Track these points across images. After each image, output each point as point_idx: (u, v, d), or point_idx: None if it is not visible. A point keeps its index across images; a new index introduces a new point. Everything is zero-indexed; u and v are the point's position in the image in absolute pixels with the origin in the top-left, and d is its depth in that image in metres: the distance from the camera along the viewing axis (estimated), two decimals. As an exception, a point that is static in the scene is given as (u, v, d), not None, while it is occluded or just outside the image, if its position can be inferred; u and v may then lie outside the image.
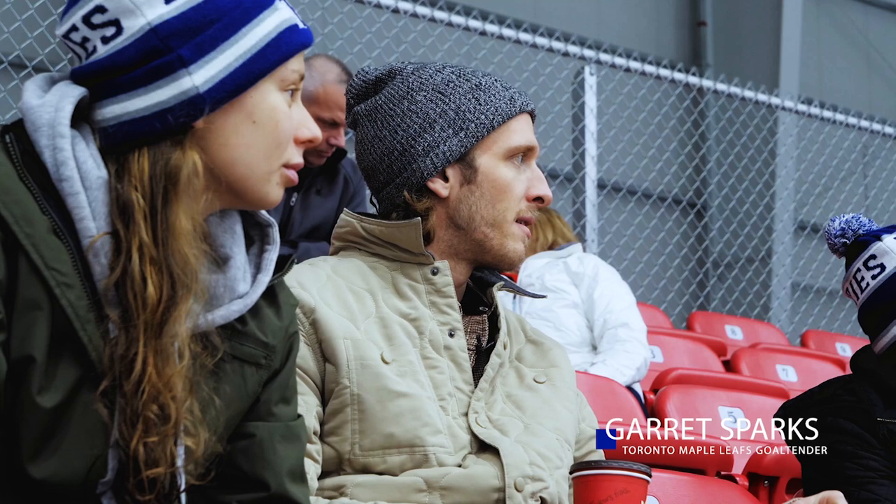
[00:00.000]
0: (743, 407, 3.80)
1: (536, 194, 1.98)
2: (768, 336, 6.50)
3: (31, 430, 1.33)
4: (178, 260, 1.37)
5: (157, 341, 1.35)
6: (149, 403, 1.35)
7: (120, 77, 1.39)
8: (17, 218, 1.32)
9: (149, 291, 1.35)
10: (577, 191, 6.43)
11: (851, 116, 7.72)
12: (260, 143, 1.46)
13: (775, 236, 8.12)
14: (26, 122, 1.39)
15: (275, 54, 1.44)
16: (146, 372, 1.34)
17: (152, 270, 1.36)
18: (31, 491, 1.35)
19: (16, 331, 1.31)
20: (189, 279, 1.38)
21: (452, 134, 1.96)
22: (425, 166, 1.96)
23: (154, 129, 1.38)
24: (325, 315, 1.87)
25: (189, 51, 1.39)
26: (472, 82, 1.99)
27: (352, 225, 2.01)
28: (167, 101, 1.39)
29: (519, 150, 1.98)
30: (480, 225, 1.97)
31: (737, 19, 9.43)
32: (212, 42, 1.40)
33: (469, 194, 1.97)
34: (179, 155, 1.39)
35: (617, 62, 6.66)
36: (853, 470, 2.42)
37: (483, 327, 2.03)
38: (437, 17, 6.09)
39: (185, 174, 1.39)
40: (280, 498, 1.55)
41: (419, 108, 1.97)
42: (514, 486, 1.85)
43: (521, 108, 1.99)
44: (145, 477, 1.36)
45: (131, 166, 1.38)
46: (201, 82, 1.40)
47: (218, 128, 1.43)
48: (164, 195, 1.38)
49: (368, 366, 1.85)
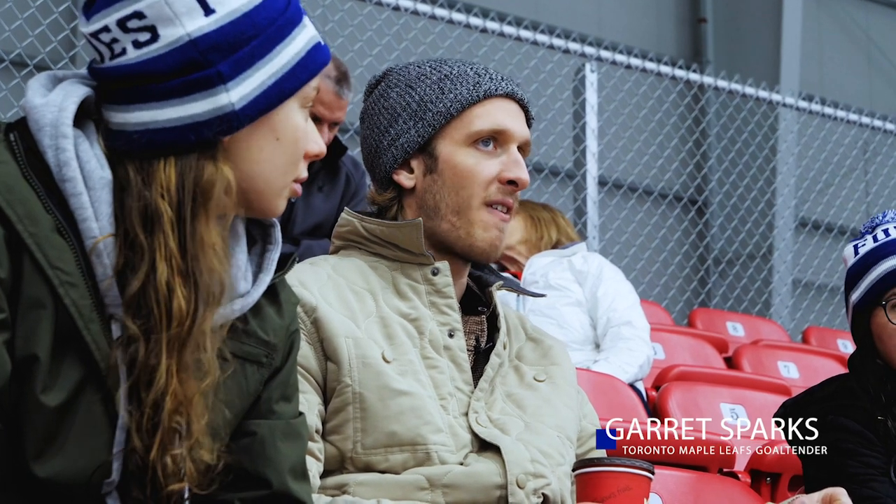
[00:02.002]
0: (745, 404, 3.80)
1: (509, 177, 1.95)
2: (770, 333, 6.50)
3: (35, 429, 1.33)
4: (206, 273, 1.37)
5: (181, 354, 1.36)
6: (173, 415, 1.35)
7: (153, 84, 1.38)
8: (20, 217, 1.32)
9: (176, 303, 1.35)
10: (579, 188, 6.43)
11: (852, 113, 7.72)
12: (280, 160, 1.47)
13: (776, 233, 8.11)
14: (29, 121, 1.39)
15: (304, 73, 1.45)
16: (170, 384, 1.35)
17: (180, 282, 1.36)
18: (35, 490, 1.35)
19: (20, 329, 1.31)
20: (217, 292, 1.38)
21: (413, 125, 1.96)
22: (387, 160, 1.98)
23: (187, 140, 1.38)
24: (326, 314, 1.87)
25: (228, 67, 1.39)
26: (443, 72, 1.98)
27: (352, 224, 2.01)
28: (201, 115, 1.39)
29: (481, 134, 1.95)
30: (447, 214, 1.96)
31: (737, 16, 9.42)
32: (249, 59, 1.41)
33: (433, 183, 1.97)
34: (212, 169, 1.40)
35: (618, 59, 6.66)
36: (854, 467, 2.42)
37: (482, 328, 2.03)
38: (438, 15, 6.09)
39: (218, 189, 1.39)
40: (282, 495, 1.55)
41: (390, 103, 1.99)
42: (517, 483, 1.85)
43: (485, 92, 1.96)
44: (167, 492, 1.37)
45: (157, 174, 1.38)
46: (237, 99, 1.40)
47: (243, 143, 1.43)
48: (194, 207, 1.38)
49: (370, 364, 1.85)
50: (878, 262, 2.62)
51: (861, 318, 2.64)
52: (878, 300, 2.60)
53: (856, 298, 2.64)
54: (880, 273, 2.61)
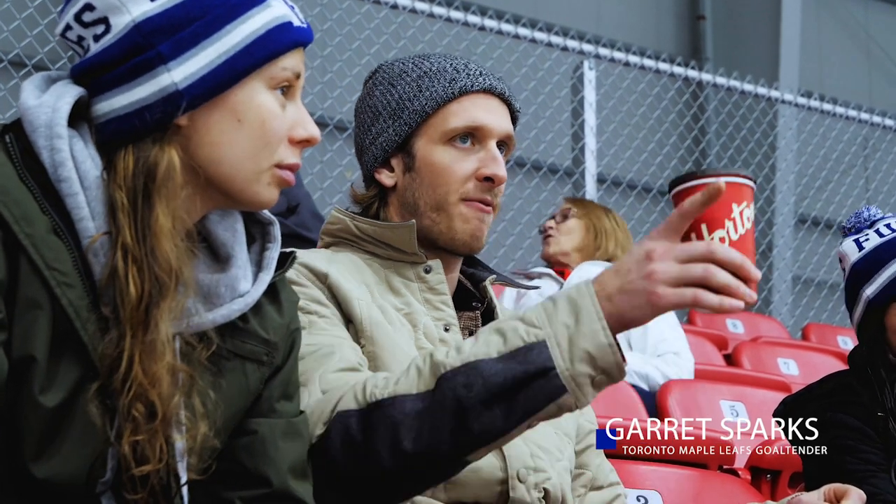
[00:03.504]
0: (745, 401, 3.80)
1: (485, 174, 1.95)
2: (769, 330, 6.49)
3: (33, 430, 1.33)
4: (159, 258, 1.36)
5: (143, 339, 1.35)
6: (134, 402, 1.34)
7: (107, 74, 1.40)
8: (17, 218, 1.32)
9: (130, 290, 1.35)
10: (577, 185, 6.43)
11: (851, 109, 7.72)
12: (245, 143, 1.43)
13: (776, 229, 8.11)
14: (24, 123, 1.39)
15: (261, 51, 1.42)
16: (132, 370, 1.34)
17: (133, 269, 1.35)
18: (33, 491, 1.35)
19: (17, 330, 1.31)
20: (169, 277, 1.37)
21: (391, 124, 1.97)
22: (368, 158, 2.00)
23: (135, 126, 1.38)
24: (338, 279, 1.87)
25: (168, 47, 1.39)
26: (423, 69, 1.98)
27: (344, 223, 2.01)
28: (147, 98, 1.38)
29: (456, 132, 1.95)
30: (426, 210, 1.96)
31: (736, 12, 9.42)
32: (193, 38, 1.39)
33: (411, 181, 1.97)
34: (157, 152, 1.39)
35: (616, 56, 6.66)
36: (853, 464, 2.42)
37: (476, 323, 2.03)
38: (436, 13, 6.09)
39: (161, 171, 1.38)
40: (282, 494, 1.55)
41: (374, 101, 2.00)
42: (517, 477, 1.86)
43: (461, 89, 1.95)
44: (136, 474, 1.36)
45: (118, 164, 1.38)
46: (180, 79, 1.39)
47: (202, 126, 1.42)
48: (145, 193, 1.37)
49: (381, 324, 1.86)
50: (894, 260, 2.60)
51: (875, 312, 2.62)
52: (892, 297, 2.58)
53: (872, 292, 2.61)
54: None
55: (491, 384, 1.57)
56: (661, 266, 1.52)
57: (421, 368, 1.63)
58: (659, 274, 1.52)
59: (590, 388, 1.57)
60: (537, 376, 1.56)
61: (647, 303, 1.53)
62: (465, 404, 1.58)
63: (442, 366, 1.60)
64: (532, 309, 1.61)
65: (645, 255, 1.54)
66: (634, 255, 1.56)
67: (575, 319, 1.57)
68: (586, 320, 1.56)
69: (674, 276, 1.52)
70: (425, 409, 1.60)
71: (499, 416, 1.58)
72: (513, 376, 1.56)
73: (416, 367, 1.64)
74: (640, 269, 1.54)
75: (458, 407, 1.58)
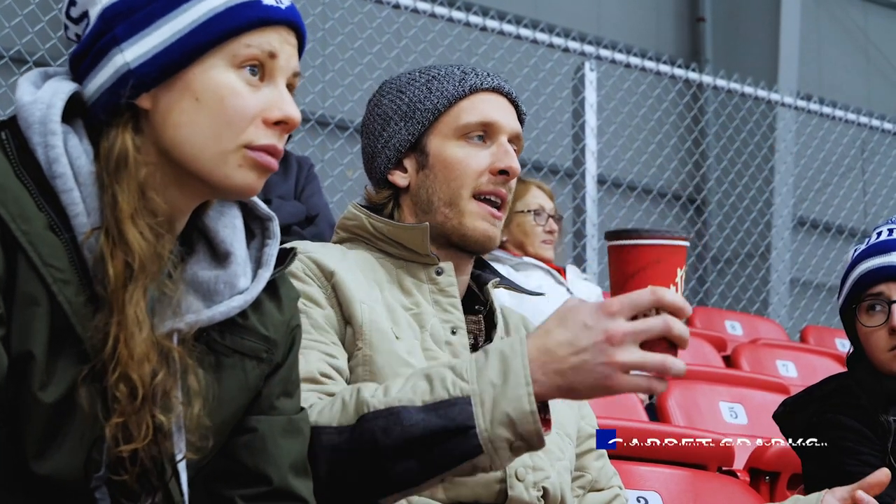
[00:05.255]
0: (743, 402, 3.81)
1: (500, 167, 1.97)
2: (768, 331, 6.50)
3: (34, 427, 1.33)
4: (128, 239, 1.36)
5: (121, 318, 1.34)
6: (118, 382, 1.34)
7: (81, 65, 1.42)
8: (13, 216, 1.32)
9: (108, 271, 1.35)
10: (578, 186, 6.43)
11: (850, 112, 7.72)
12: (205, 122, 1.40)
13: (774, 232, 8.12)
14: (19, 119, 1.39)
15: (218, 27, 1.39)
16: (117, 349, 1.34)
17: (109, 251, 1.35)
18: (34, 487, 1.35)
19: (15, 327, 1.31)
20: (133, 259, 1.35)
21: (404, 125, 1.99)
22: (382, 161, 2.01)
23: (101, 111, 1.40)
24: (344, 278, 1.88)
25: (123, 29, 1.39)
26: (431, 74, 2.01)
27: (360, 220, 2.02)
28: (107, 82, 1.40)
29: (469, 127, 1.97)
30: (439, 206, 1.97)
31: (736, 15, 9.43)
32: (147, 18, 1.39)
33: (425, 179, 1.98)
34: (114, 136, 1.39)
35: (617, 58, 6.66)
36: (852, 466, 2.42)
37: (479, 327, 2.03)
38: (438, 13, 6.09)
39: (116, 153, 1.38)
40: (283, 492, 1.55)
41: (382, 109, 2.02)
42: (516, 476, 1.86)
43: (471, 87, 1.98)
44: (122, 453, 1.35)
45: (99, 151, 1.39)
46: (132, 59, 1.39)
47: (164, 107, 1.40)
48: (108, 176, 1.37)
49: (382, 330, 1.86)
50: (858, 265, 2.62)
51: (846, 320, 2.65)
52: (854, 302, 2.61)
53: (840, 301, 2.65)
54: (856, 276, 2.62)
55: (409, 434, 1.59)
56: (623, 355, 1.50)
57: (346, 402, 1.65)
58: (621, 364, 1.51)
59: (507, 451, 1.57)
60: (457, 433, 1.57)
61: (603, 386, 1.52)
62: (381, 449, 1.60)
63: (366, 405, 1.62)
64: (466, 359, 1.62)
65: (605, 338, 1.51)
66: (592, 332, 1.53)
67: (503, 379, 1.56)
68: (513, 383, 1.55)
69: (634, 364, 1.51)
70: (342, 443, 1.63)
71: (413, 467, 1.60)
72: (431, 429, 1.58)
73: (343, 400, 1.66)
74: (599, 353, 1.51)
75: (374, 450, 1.60)
